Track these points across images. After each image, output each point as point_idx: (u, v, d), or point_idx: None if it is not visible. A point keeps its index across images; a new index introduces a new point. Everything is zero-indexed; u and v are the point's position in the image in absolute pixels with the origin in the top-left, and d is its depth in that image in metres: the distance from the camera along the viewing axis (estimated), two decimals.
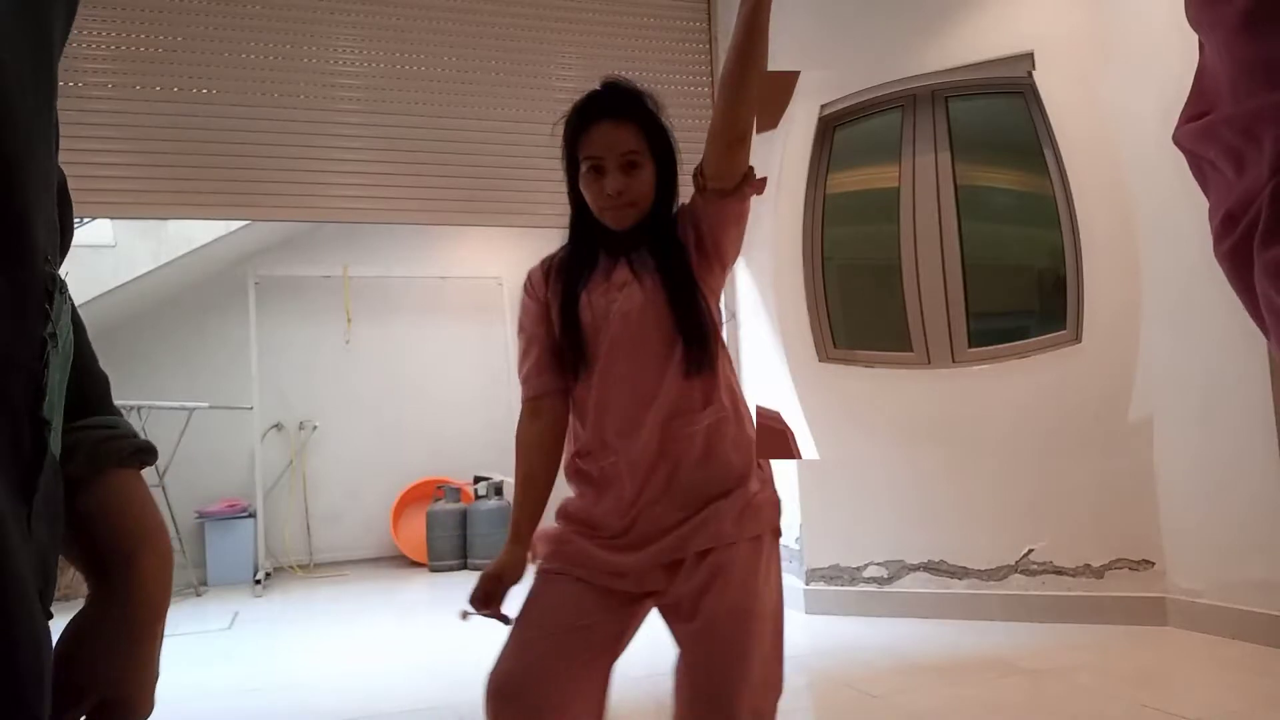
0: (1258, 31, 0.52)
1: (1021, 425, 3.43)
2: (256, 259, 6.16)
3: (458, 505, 5.92)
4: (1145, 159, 3.13)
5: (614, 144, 1.37)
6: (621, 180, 1.36)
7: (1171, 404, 3.10)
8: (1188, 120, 0.61)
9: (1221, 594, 2.93)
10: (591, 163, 1.38)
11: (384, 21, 4.00)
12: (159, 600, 0.67)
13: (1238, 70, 0.54)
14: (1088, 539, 3.28)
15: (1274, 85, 0.52)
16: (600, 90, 1.44)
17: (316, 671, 3.22)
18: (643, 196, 1.39)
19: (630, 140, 1.37)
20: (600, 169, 1.37)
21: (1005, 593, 3.40)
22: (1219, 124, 0.57)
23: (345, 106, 3.92)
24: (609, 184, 1.36)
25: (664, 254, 1.39)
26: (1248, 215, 0.54)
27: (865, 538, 3.68)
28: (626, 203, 1.38)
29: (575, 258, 1.43)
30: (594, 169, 1.38)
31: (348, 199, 3.91)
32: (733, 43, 1.39)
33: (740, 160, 1.40)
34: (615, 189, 1.36)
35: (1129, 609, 3.17)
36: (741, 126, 1.39)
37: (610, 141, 1.37)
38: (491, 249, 6.85)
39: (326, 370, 6.31)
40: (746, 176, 1.40)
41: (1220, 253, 0.58)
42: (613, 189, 1.36)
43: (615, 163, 1.37)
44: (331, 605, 4.71)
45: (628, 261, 1.40)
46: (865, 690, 2.60)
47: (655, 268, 1.38)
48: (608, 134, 1.38)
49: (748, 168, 1.41)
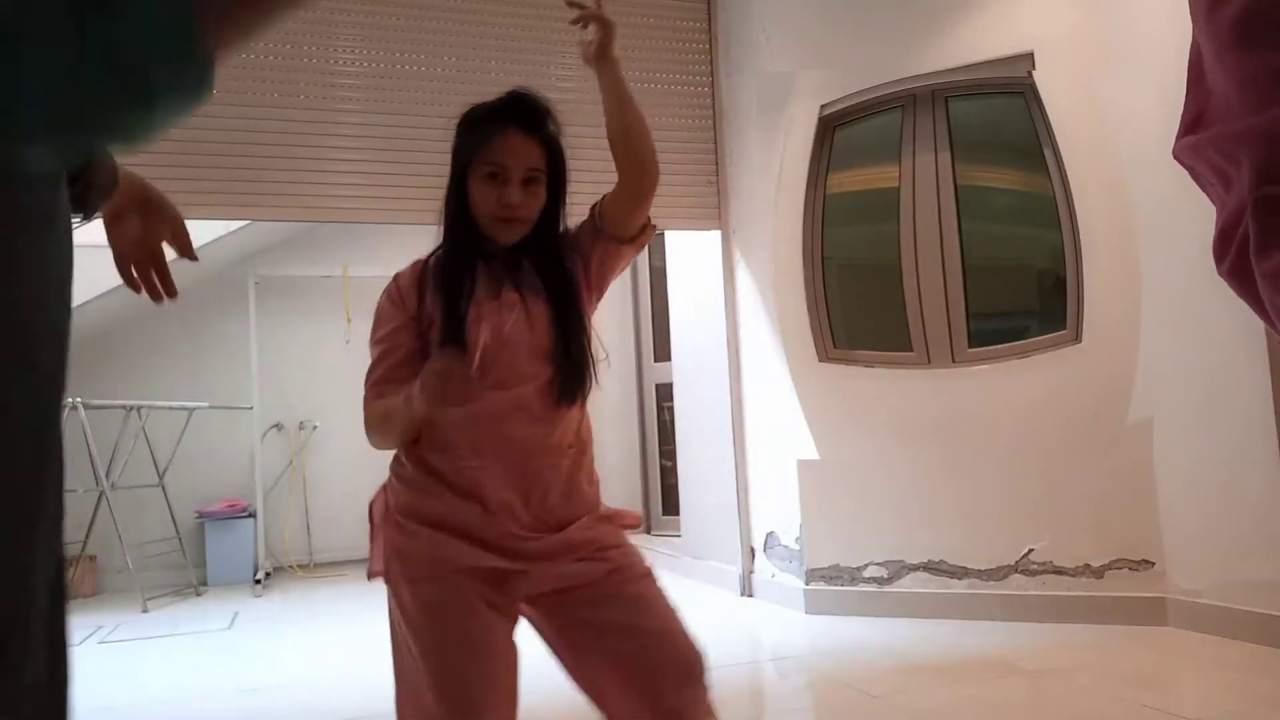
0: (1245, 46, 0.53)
1: (1021, 425, 3.43)
2: (256, 259, 6.16)
3: None
4: (1145, 159, 3.13)
5: (522, 157, 1.35)
6: (520, 194, 1.35)
7: (1171, 404, 3.10)
8: (1185, 127, 0.61)
9: (1221, 594, 2.93)
10: (493, 169, 1.35)
11: (384, 21, 4.00)
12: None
13: (1229, 83, 0.55)
14: (1088, 539, 3.28)
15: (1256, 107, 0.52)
16: (515, 97, 1.40)
17: (316, 671, 3.22)
18: (534, 213, 1.38)
19: (536, 157, 1.37)
20: (500, 178, 1.35)
21: (1005, 593, 3.40)
22: (1206, 143, 0.58)
23: (345, 106, 3.92)
24: (509, 195, 1.34)
25: (554, 281, 1.38)
26: (1238, 233, 0.55)
27: (865, 538, 3.68)
28: (520, 218, 1.36)
29: (454, 266, 1.39)
30: (493, 175, 1.35)
31: (348, 199, 3.91)
32: (616, 110, 1.42)
33: (644, 213, 1.43)
34: (514, 201, 1.34)
35: (1129, 609, 3.17)
36: (649, 182, 1.41)
37: (518, 153, 1.35)
38: None
39: (326, 370, 6.30)
40: (644, 227, 1.43)
41: (1222, 273, 0.59)
42: (512, 201, 1.34)
43: (519, 175, 1.35)
44: (331, 605, 4.71)
45: (513, 281, 1.38)
46: (865, 690, 2.60)
47: (544, 294, 1.37)
48: (517, 145, 1.36)
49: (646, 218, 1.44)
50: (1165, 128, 3.77)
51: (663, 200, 5.33)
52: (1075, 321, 3.43)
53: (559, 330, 1.35)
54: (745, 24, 4.26)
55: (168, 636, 4.12)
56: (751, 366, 4.32)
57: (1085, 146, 3.38)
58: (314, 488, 6.22)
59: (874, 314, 4.02)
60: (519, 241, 1.38)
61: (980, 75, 3.61)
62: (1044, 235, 3.58)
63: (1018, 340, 3.61)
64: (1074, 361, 3.39)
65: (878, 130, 3.92)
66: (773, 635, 3.51)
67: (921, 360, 3.75)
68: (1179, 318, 3.05)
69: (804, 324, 4.01)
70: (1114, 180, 3.29)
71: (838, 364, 3.93)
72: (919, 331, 3.75)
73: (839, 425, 3.82)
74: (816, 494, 3.81)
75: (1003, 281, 3.85)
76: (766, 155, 4.13)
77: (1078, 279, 3.42)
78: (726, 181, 4.46)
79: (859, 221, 4.07)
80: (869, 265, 4.11)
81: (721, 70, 4.48)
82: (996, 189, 3.82)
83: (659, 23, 4.41)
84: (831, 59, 3.93)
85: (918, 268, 3.74)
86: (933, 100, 3.75)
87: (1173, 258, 3.05)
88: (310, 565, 6.15)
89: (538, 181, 1.37)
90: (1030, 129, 3.55)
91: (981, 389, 3.56)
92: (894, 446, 3.65)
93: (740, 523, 4.32)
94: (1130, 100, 3.18)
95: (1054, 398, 3.39)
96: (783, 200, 4.07)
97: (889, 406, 3.72)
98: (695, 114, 4.47)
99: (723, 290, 4.48)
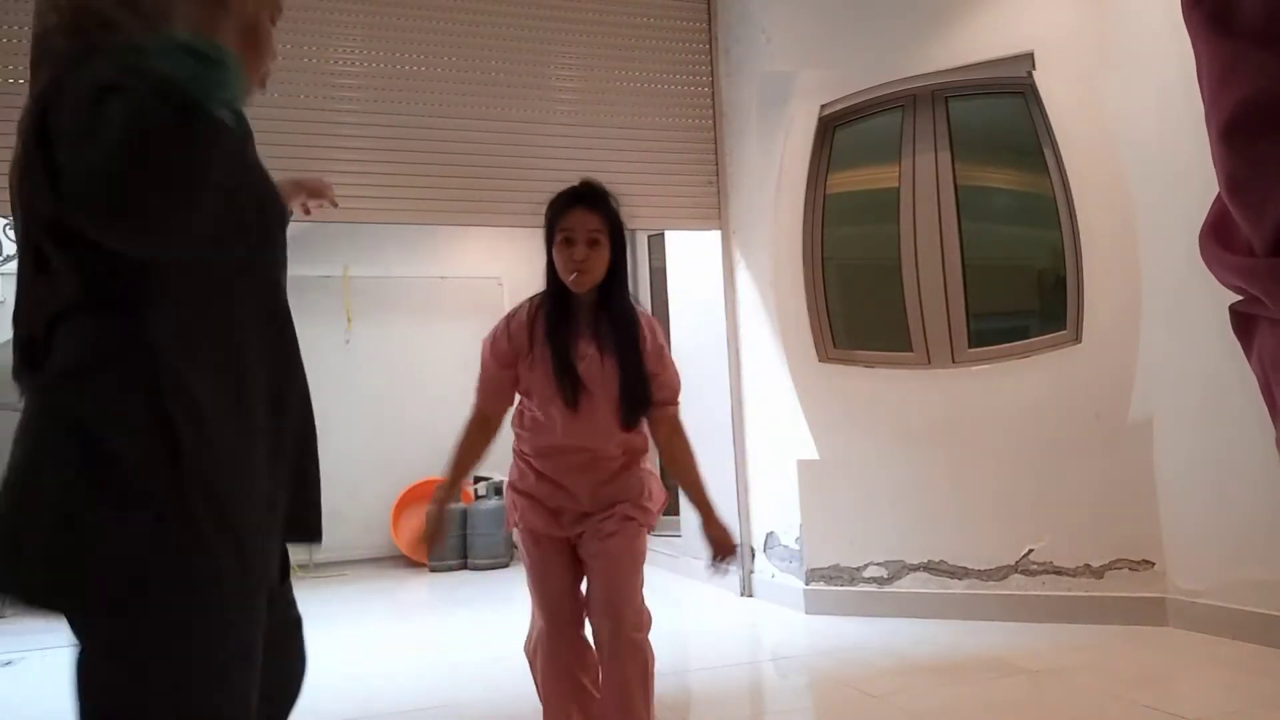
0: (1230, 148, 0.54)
1: (1021, 425, 3.43)
2: None
3: (458, 505, 5.93)
4: (1145, 159, 3.13)
5: (584, 224, 1.85)
6: (585, 251, 1.84)
7: (1171, 404, 3.10)
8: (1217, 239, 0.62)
9: (1221, 594, 2.92)
10: (565, 235, 1.85)
11: (384, 21, 4.00)
12: None
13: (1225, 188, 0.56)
14: (1088, 539, 3.28)
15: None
16: (582, 183, 1.92)
17: (316, 671, 3.22)
18: (599, 268, 1.86)
19: (596, 222, 1.86)
20: (571, 240, 1.85)
21: (1005, 593, 3.40)
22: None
23: (345, 106, 3.92)
24: (576, 252, 1.84)
25: (623, 335, 1.90)
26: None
27: (865, 538, 3.68)
28: (586, 270, 1.85)
29: (555, 313, 1.90)
30: (566, 240, 1.85)
31: (348, 199, 3.89)
32: (688, 481, 2.02)
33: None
34: (580, 257, 1.84)
35: (1129, 609, 3.17)
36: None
37: (581, 221, 1.86)
38: (491, 249, 6.85)
39: (326, 370, 6.29)
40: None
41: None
42: (579, 257, 1.84)
43: (583, 237, 1.84)
44: (331, 605, 4.71)
45: (592, 333, 1.90)
46: (865, 690, 2.60)
47: (614, 344, 1.89)
48: (580, 216, 1.86)
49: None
50: (1165, 128, 3.77)
51: (663, 200, 5.31)
52: (1075, 321, 3.43)
53: (624, 374, 1.88)
54: (745, 24, 4.26)
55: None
56: (751, 366, 4.31)
57: (1085, 146, 3.38)
58: None
59: (874, 314, 4.02)
60: (598, 297, 1.90)
61: (980, 75, 3.61)
62: (1044, 235, 3.58)
63: (1018, 340, 3.61)
64: (1074, 361, 3.39)
65: (878, 130, 3.92)
66: (773, 635, 3.51)
67: (921, 360, 3.75)
68: (1179, 318, 3.05)
69: (804, 324, 4.01)
70: (1114, 180, 3.28)
71: (838, 364, 3.93)
72: (919, 331, 3.75)
73: (839, 425, 3.82)
74: (816, 494, 3.81)
75: (1003, 281, 3.85)
76: (766, 155, 4.13)
77: (1078, 279, 3.42)
78: (726, 181, 4.46)
79: (859, 221, 4.07)
80: (869, 265, 4.11)
81: (721, 70, 4.48)
82: (996, 189, 3.82)
83: (659, 23, 4.41)
84: (831, 59, 3.93)
85: (918, 268, 3.74)
86: (933, 100, 3.75)
87: (1173, 258, 3.05)
88: (310, 565, 6.15)
89: (599, 242, 1.86)
90: (1030, 129, 3.55)
91: (981, 389, 3.56)
92: (894, 446, 3.65)
93: (740, 523, 4.32)
94: (1130, 100, 3.18)
95: (1054, 398, 3.39)
96: (783, 200, 4.07)
97: (889, 406, 3.72)
98: (695, 114, 4.47)
99: (723, 290, 4.48)
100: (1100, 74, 3.31)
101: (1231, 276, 0.58)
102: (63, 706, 3.19)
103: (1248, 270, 0.56)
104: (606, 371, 1.86)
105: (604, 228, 1.86)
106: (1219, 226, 0.60)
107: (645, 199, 4.33)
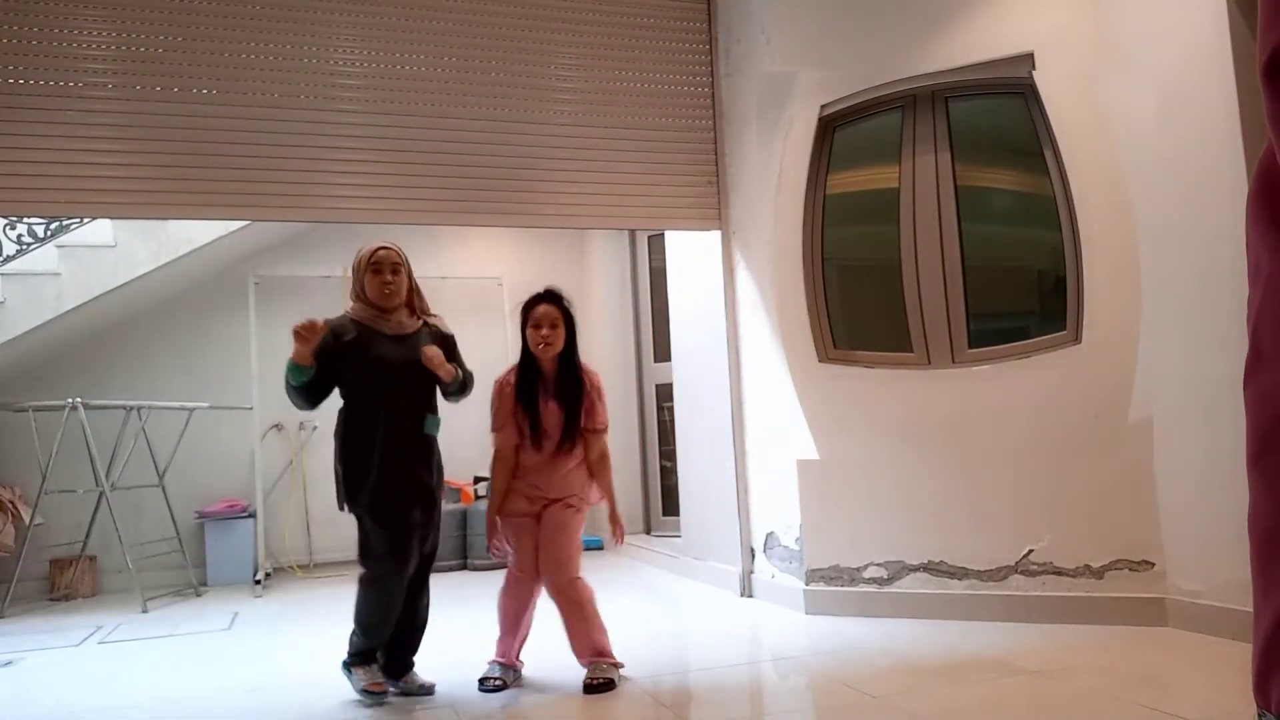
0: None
1: (1021, 426, 3.43)
2: (256, 259, 6.16)
3: (457, 506, 5.92)
4: (1145, 159, 3.13)
5: (548, 314, 2.92)
6: (549, 332, 2.91)
7: (1171, 404, 3.10)
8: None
9: (1221, 594, 2.93)
10: (534, 321, 2.92)
11: (384, 21, 4.01)
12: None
13: None
14: (1087, 539, 3.28)
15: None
16: (544, 290, 2.96)
17: (316, 671, 3.22)
18: (559, 342, 2.92)
19: (555, 312, 2.93)
20: (539, 325, 2.91)
21: (1005, 593, 3.40)
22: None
23: (345, 106, 3.92)
24: (543, 333, 2.91)
25: (570, 393, 2.95)
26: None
27: (865, 538, 3.69)
28: (550, 342, 2.90)
29: (528, 379, 2.95)
30: (535, 324, 2.92)
31: (348, 199, 3.91)
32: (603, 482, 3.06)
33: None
34: (545, 334, 2.91)
35: (1129, 609, 3.17)
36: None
37: (546, 312, 2.93)
38: (491, 249, 6.85)
39: None
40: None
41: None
42: (545, 336, 2.91)
43: (547, 322, 2.91)
44: (331, 605, 4.71)
45: (552, 391, 2.95)
46: (865, 690, 2.60)
47: (564, 399, 2.95)
48: (545, 309, 2.93)
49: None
50: (1165, 128, 3.76)
51: (663, 200, 5.32)
52: (1075, 322, 3.43)
53: (567, 419, 2.94)
54: (745, 24, 4.26)
55: (168, 637, 4.12)
56: (751, 367, 4.31)
57: (1085, 146, 3.38)
58: (314, 488, 6.22)
59: (874, 314, 4.02)
60: (557, 366, 2.96)
61: (980, 75, 3.61)
62: (1044, 235, 3.58)
63: (1018, 340, 3.61)
64: (1074, 361, 3.39)
65: (878, 130, 3.92)
66: (773, 636, 3.51)
67: (921, 361, 3.75)
68: (1179, 318, 3.05)
69: (804, 324, 4.01)
70: (1114, 180, 3.28)
71: (838, 364, 3.93)
72: (919, 332, 3.75)
73: (839, 425, 3.82)
74: (816, 494, 3.81)
75: (1003, 282, 3.84)
76: (766, 155, 4.13)
77: (1078, 279, 3.42)
78: (726, 181, 4.46)
79: (859, 222, 4.07)
80: (869, 265, 4.11)
81: (721, 70, 4.48)
82: (996, 189, 3.82)
83: (659, 23, 4.41)
84: (831, 59, 3.93)
85: (918, 268, 3.74)
86: (933, 100, 3.75)
87: (1173, 258, 3.05)
88: (310, 565, 6.15)
89: (558, 326, 2.92)
90: (1030, 129, 3.55)
91: (981, 389, 3.56)
92: (894, 447, 3.65)
93: (740, 523, 4.32)
94: (1130, 100, 3.17)
95: (1054, 398, 3.39)
96: (783, 200, 4.07)
97: (889, 407, 3.72)
98: (695, 114, 4.47)
99: (723, 290, 4.48)
100: (1100, 74, 3.31)
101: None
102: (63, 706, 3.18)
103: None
104: (556, 415, 2.93)
105: (561, 316, 2.92)
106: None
107: (645, 199, 4.33)
